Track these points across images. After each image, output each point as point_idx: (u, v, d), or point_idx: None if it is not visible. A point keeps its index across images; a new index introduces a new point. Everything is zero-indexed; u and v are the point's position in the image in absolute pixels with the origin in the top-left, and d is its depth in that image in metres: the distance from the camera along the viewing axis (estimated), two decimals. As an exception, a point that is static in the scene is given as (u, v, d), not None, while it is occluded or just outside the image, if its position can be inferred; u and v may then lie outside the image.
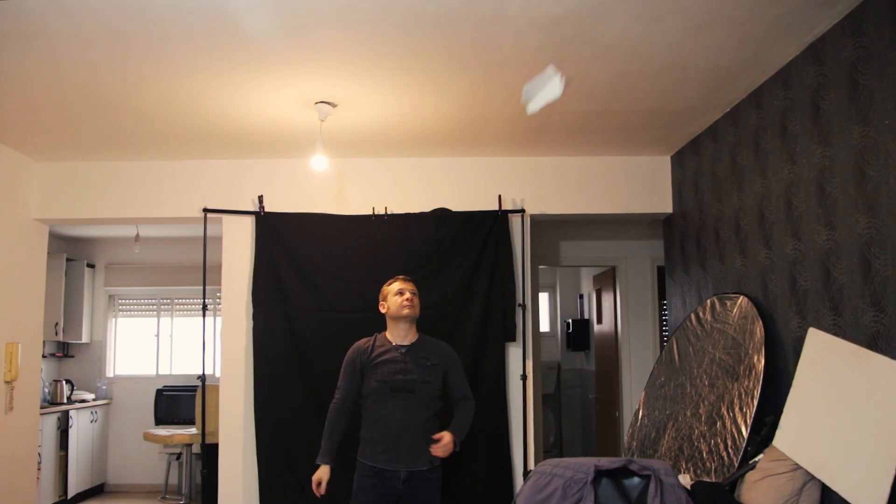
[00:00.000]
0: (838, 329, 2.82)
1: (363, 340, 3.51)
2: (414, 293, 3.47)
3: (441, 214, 4.57)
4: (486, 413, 4.40)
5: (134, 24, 2.85)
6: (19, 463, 4.59)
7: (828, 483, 2.58)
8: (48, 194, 4.77)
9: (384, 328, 3.49)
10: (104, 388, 7.74)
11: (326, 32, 2.95)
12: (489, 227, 4.54)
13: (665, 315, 6.01)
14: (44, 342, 5.47)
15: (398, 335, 3.44)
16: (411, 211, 4.61)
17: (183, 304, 8.11)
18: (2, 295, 4.44)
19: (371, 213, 4.60)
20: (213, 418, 5.24)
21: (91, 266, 7.84)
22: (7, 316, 4.48)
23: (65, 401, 6.95)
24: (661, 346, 5.94)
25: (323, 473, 3.36)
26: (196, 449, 6.80)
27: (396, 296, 3.44)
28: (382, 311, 3.51)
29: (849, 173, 2.76)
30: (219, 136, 4.29)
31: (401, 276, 3.55)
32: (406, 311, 3.41)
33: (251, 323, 4.50)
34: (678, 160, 4.66)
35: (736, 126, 3.79)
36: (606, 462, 2.60)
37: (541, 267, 6.24)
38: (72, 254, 7.61)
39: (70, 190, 4.77)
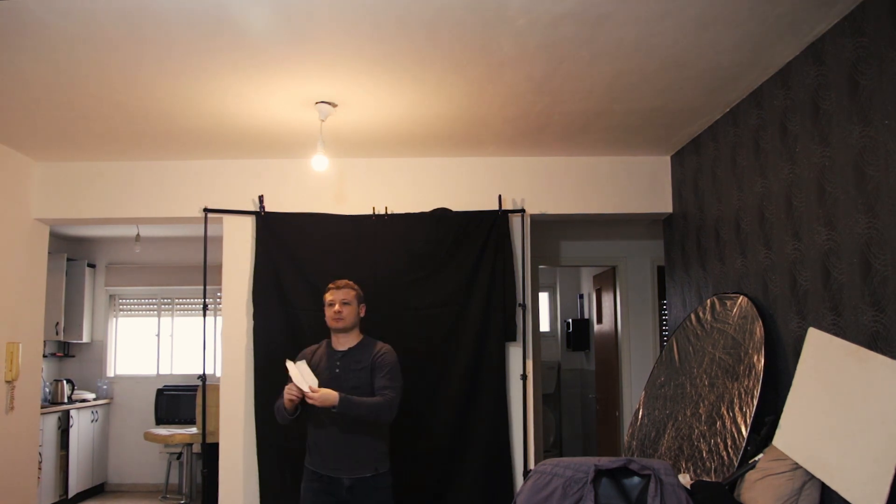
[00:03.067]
0: (838, 329, 2.82)
1: (311, 346, 3.49)
2: (345, 302, 3.33)
3: (441, 214, 4.57)
4: (486, 413, 4.41)
5: (134, 25, 2.85)
6: (20, 462, 4.59)
7: (827, 483, 2.58)
8: (48, 194, 4.77)
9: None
10: (105, 387, 7.75)
11: (326, 33, 2.95)
12: (489, 227, 4.53)
13: (665, 315, 6.01)
14: (44, 342, 5.47)
15: (336, 342, 3.40)
16: (411, 211, 4.60)
17: (183, 304, 8.11)
18: (2, 295, 4.44)
19: (371, 213, 4.60)
20: (213, 418, 5.25)
21: (92, 266, 7.85)
22: (8, 316, 4.48)
23: (65, 400, 6.96)
24: (661, 346, 5.94)
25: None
26: (196, 448, 6.80)
27: (327, 307, 3.36)
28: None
29: (849, 173, 2.76)
30: (219, 136, 4.29)
31: (333, 284, 3.41)
32: (333, 325, 3.33)
33: (251, 323, 4.50)
34: (678, 160, 4.66)
35: (736, 126, 3.79)
36: (606, 462, 2.60)
37: (541, 267, 6.24)
38: (72, 254, 7.62)
39: (70, 190, 4.77)
